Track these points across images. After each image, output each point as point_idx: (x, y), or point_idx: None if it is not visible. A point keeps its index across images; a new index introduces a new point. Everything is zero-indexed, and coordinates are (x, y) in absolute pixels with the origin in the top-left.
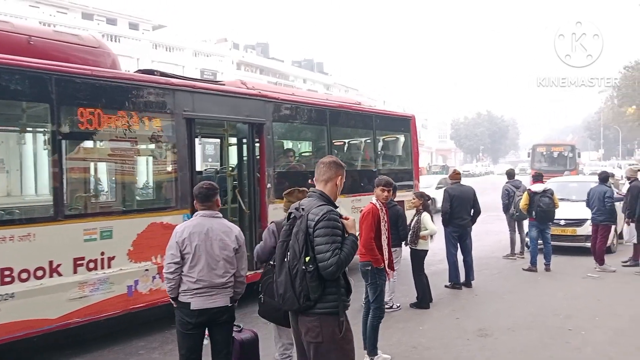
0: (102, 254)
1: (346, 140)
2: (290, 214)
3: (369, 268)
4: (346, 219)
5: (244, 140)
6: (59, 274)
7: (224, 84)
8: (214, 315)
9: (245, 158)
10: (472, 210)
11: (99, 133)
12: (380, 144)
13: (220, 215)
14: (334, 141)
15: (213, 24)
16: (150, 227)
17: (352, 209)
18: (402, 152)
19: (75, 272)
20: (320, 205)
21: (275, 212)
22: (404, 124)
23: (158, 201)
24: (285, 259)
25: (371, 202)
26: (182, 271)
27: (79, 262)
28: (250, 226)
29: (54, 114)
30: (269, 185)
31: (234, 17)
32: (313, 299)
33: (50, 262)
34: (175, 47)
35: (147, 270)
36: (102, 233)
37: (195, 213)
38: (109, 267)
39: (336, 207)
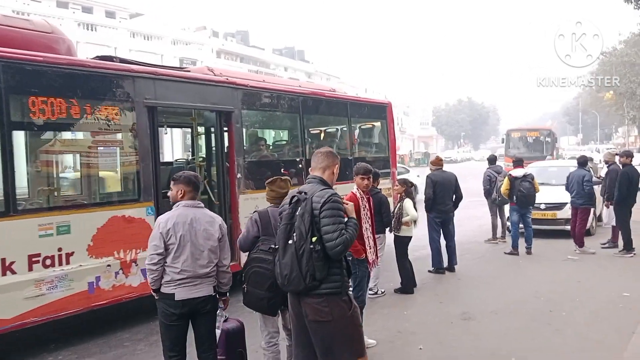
0: (60, 250)
1: (320, 128)
2: (292, 197)
3: (350, 259)
4: (346, 204)
5: (212, 130)
6: (13, 272)
7: (189, 71)
8: (198, 305)
9: (214, 148)
10: (455, 196)
11: (53, 123)
12: (356, 132)
13: (202, 205)
14: (307, 129)
15: (192, 12)
16: (111, 220)
17: None
18: (379, 140)
19: (30, 269)
20: (324, 189)
21: (247, 203)
22: (380, 111)
23: (119, 194)
24: (290, 241)
25: (352, 191)
26: (166, 262)
27: (34, 259)
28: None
29: (2, 104)
30: (239, 176)
31: (213, 5)
32: (318, 278)
33: (3, 260)
34: (153, 36)
35: (109, 265)
36: (58, 228)
37: (177, 203)
38: (68, 263)
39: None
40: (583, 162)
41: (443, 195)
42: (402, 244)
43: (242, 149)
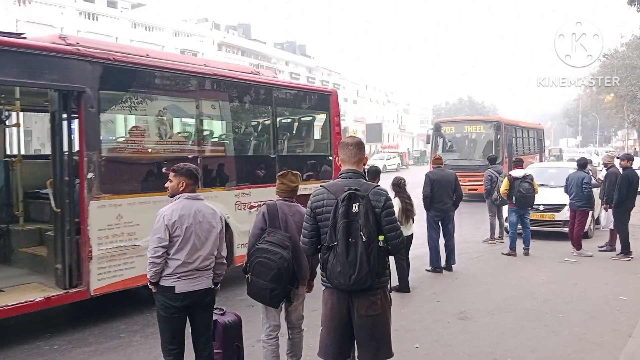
0: None
1: (229, 119)
2: (348, 194)
3: None
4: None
5: (56, 115)
6: None
7: (25, 37)
8: (198, 298)
9: (58, 138)
10: (455, 195)
11: None
12: (285, 124)
13: (203, 197)
14: (210, 119)
15: (194, 4)
16: None
17: (236, 205)
18: (318, 135)
19: None
20: (376, 186)
21: (103, 212)
22: (321, 100)
23: None
24: (350, 239)
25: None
26: (168, 254)
27: None
28: (61, 230)
29: None
30: (91, 175)
31: None
32: (379, 274)
33: None
34: (154, 27)
35: None
36: None
37: (178, 195)
38: None
39: None
40: (582, 164)
41: (441, 194)
42: None
43: (97, 141)
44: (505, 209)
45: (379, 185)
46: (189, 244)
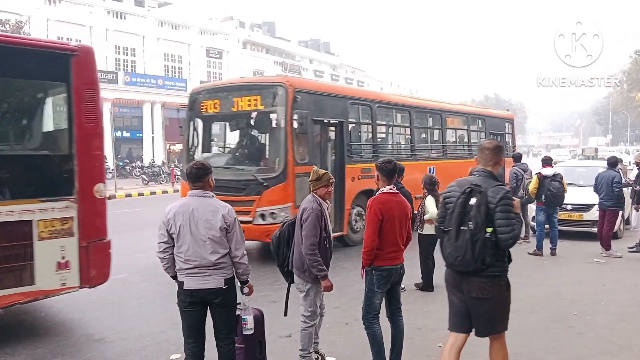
0: None
1: None
2: (468, 189)
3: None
4: (514, 200)
5: None
6: None
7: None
8: (207, 297)
9: None
10: None
11: None
12: None
13: (210, 195)
14: None
15: (219, 2)
16: None
17: None
18: (52, 123)
19: None
20: (498, 185)
21: None
22: (52, 64)
23: None
24: (462, 227)
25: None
26: (174, 251)
27: None
28: None
29: None
30: None
31: None
32: (487, 263)
33: None
34: (181, 25)
35: None
36: None
37: (188, 192)
38: None
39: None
40: (613, 163)
41: None
42: (425, 242)
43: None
44: (531, 207)
45: (500, 185)
46: (186, 242)
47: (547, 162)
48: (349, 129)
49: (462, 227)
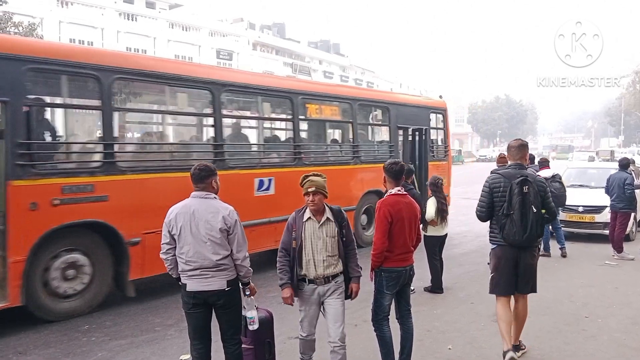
0: None
1: None
2: (522, 179)
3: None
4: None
5: None
6: None
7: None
8: (210, 299)
9: None
10: None
11: None
12: None
13: (213, 196)
14: None
15: (229, 3)
16: None
17: None
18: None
19: None
20: (537, 174)
21: None
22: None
23: None
24: (524, 210)
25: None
26: (177, 252)
27: None
28: None
29: None
30: None
31: None
32: (539, 235)
33: None
34: (191, 27)
35: None
36: None
37: (191, 193)
38: None
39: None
40: (625, 164)
41: None
42: (429, 244)
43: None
44: None
45: (539, 175)
46: (187, 243)
47: (544, 164)
48: None
49: (523, 210)
